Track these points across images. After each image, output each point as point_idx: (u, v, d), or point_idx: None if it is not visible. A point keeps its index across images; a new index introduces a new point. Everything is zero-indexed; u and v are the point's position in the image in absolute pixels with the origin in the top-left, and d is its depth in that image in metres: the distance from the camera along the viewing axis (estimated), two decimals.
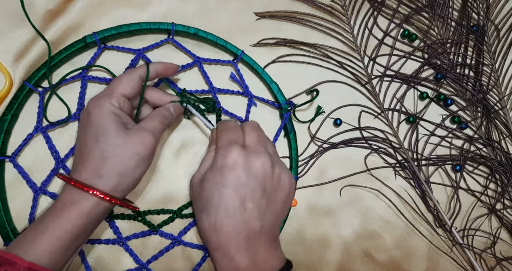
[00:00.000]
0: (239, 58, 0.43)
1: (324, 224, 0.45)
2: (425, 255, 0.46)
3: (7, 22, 0.42)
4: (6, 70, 0.41)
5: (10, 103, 0.40)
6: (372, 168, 0.46)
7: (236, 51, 0.43)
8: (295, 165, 0.44)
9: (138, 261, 0.40)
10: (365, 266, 0.45)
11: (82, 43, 0.41)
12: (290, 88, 0.45)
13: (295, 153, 0.44)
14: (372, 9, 0.48)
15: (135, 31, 0.42)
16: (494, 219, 0.47)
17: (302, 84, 0.46)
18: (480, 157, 0.47)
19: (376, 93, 0.47)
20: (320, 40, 0.47)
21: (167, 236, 0.41)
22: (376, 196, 0.46)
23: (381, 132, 0.47)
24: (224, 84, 0.44)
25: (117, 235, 0.40)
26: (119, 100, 0.35)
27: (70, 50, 0.41)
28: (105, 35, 0.41)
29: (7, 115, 0.39)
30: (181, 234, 0.42)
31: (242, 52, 0.43)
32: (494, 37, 0.49)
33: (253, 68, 0.44)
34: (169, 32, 0.43)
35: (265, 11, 0.46)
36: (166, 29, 0.42)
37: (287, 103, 0.44)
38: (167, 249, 0.41)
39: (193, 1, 0.45)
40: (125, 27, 0.41)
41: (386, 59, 0.48)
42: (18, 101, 0.40)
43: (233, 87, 0.44)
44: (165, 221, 0.41)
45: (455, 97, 0.48)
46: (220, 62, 0.44)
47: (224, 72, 0.44)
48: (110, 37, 0.42)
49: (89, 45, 0.41)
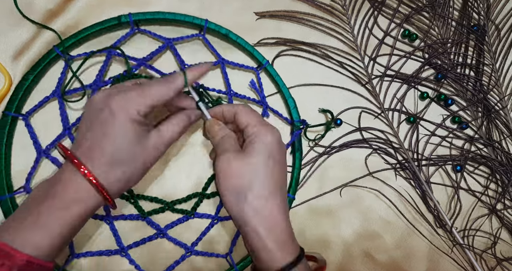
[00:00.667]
0: (263, 67, 0.43)
1: (324, 225, 0.45)
2: (425, 256, 0.46)
3: (6, 21, 0.42)
4: (5, 70, 0.41)
5: (36, 64, 0.40)
6: (374, 171, 0.46)
7: (262, 60, 0.43)
8: (295, 184, 0.43)
9: (120, 244, 0.40)
10: (366, 267, 0.45)
11: (116, 21, 0.41)
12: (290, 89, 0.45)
13: (298, 172, 0.44)
14: (372, 9, 0.47)
15: (169, 20, 0.42)
16: (495, 219, 0.47)
17: (302, 84, 0.46)
18: (481, 157, 0.47)
19: (376, 93, 0.47)
20: (320, 40, 0.47)
21: (153, 225, 0.41)
22: (376, 196, 0.46)
23: (381, 133, 0.47)
24: (241, 89, 0.44)
25: (105, 212, 0.40)
26: (146, 111, 0.33)
27: (103, 25, 0.41)
28: (139, 18, 0.41)
29: (30, 75, 0.40)
30: (167, 227, 0.42)
31: (267, 62, 0.43)
32: (494, 37, 0.49)
33: (274, 80, 0.44)
34: (201, 28, 0.43)
35: (265, 11, 0.46)
36: (199, 24, 0.42)
37: (300, 121, 0.44)
38: (150, 239, 0.41)
39: (193, 0, 0.45)
40: (160, 14, 0.42)
41: (386, 59, 0.47)
42: (43, 64, 0.40)
43: (250, 94, 0.44)
44: (156, 210, 0.41)
45: (455, 97, 0.48)
46: (244, 67, 0.44)
47: (243, 78, 0.45)
48: (144, 21, 0.42)
49: (122, 25, 0.42)
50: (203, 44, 0.44)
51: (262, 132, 0.36)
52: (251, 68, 0.44)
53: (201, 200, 0.42)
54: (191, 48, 0.44)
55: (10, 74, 0.41)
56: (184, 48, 0.44)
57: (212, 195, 0.43)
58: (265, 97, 0.44)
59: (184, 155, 0.44)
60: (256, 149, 0.35)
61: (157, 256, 0.42)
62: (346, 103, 0.46)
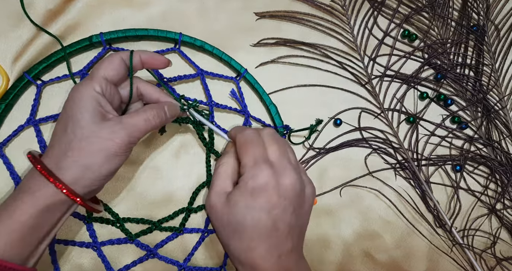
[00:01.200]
0: (241, 76, 0.43)
1: (324, 224, 0.45)
2: (425, 255, 0.46)
3: (6, 22, 0.42)
4: (3, 70, 0.41)
5: (6, 93, 0.39)
6: (374, 171, 0.46)
7: (240, 69, 0.43)
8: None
9: (109, 269, 0.40)
10: (365, 266, 0.45)
11: (87, 42, 0.41)
12: (290, 89, 0.46)
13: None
14: (372, 9, 0.47)
15: (142, 36, 0.42)
16: (494, 219, 0.47)
17: (302, 84, 0.46)
18: (480, 157, 0.47)
19: (376, 93, 0.47)
20: (320, 40, 0.47)
21: (143, 246, 0.40)
22: (376, 196, 0.46)
23: (381, 133, 0.47)
24: (223, 99, 0.44)
25: (92, 239, 0.40)
26: (101, 84, 0.32)
27: (75, 47, 0.41)
28: (111, 37, 0.41)
29: (1, 104, 0.39)
30: (157, 247, 0.41)
31: (246, 71, 0.43)
32: (494, 37, 0.49)
33: (254, 88, 0.44)
34: (176, 41, 0.43)
35: (265, 11, 0.46)
36: (173, 38, 0.42)
37: (283, 127, 0.43)
38: (141, 260, 0.41)
39: (192, 0, 0.45)
40: (132, 31, 0.41)
41: (386, 59, 0.47)
42: (14, 92, 0.39)
43: (232, 104, 0.44)
44: (143, 231, 0.41)
45: (455, 97, 0.48)
46: (223, 77, 0.44)
47: (225, 87, 0.44)
48: (116, 39, 0.42)
49: (94, 45, 0.41)
50: (180, 57, 0.44)
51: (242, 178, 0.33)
52: (230, 78, 0.44)
53: (188, 215, 0.42)
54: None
55: (8, 74, 0.41)
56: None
57: (199, 209, 0.42)
58: (246, 106, 0.44)
59: (184, 155, 0.44)
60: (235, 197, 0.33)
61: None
62: (345, 103, 0.46)
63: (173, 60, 0.42)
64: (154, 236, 0.42)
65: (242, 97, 0.44)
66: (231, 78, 0.44)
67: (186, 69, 0.44)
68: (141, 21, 0.44)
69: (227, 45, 0.45)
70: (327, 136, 0.46)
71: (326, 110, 0.46)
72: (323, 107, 0.46)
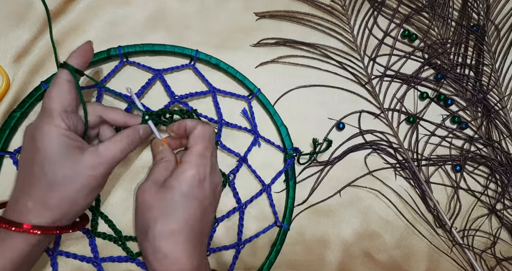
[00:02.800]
0: (254, 96, 0.43)
1: (324, 224, 0.45)
2: (425, 255, 0.46)
3: (7, 22, 0.42)
4: (3, 70, 0.41)
5: (23, 101, 0.39)
6: (374, 170, 0.46)
7: (253, 88, 0.43)
8: (289, 215, 0.43)
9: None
10: (365, 266, 0.45)
11: (105, 54, 0.41)
12: (289, 89, 0.46)
13: (291, 202, 0.43)
14: (372, 9, 0.47)
15: (159, 51, 0.42)
16: (494, 219, 0.47)
17: (302, 84, 0.46)
18: (480, 157, 0.47)
19: (376, 93, 0.47)
20: (320, 40, 0.47)
21: (143, 266, 0.40)
22: (376, 196, 0.46)
23: (380, 133, 0.47)
24: (234, 118, 0.44)
25: (93, 254, 0.39)
26: (62, 118, 0.31)
27: (93, 59, 0.40)
28: (129, 51, 0.41)
29: (17, 112, 0.39)
30: None
31: (259, 90, 0.43)
32: (494, 37, 0.49)
33: (266, 108, 0.44)
34: (191, 58, 0.43)
35: (265, 11, 0.46)
36: (189, 54, 0.42)
37: (293, 149, 0.44)
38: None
39: (193, 1, 0.45)
40: (150, 46, 0.42)
41: (386, 59, 0.47)
42: (31, 101, 0.39)
43: (242, 122, 0.44)
44: None
45: (455, 97, 0.48)
46: (235, 96, 0.44)
47: (236, 106, 0.44)
48: (133, 53, 0.42)
49: (112, 58, 0.41)
50: (193, 73, 0.44)
51: (185, 166, 0.34)
52: (243, 97, 0.44)
53: None
54: (180, 78, 0.43)
55: (8, 74, 0.41)
56: (172, 76, 0.43)
57: None
58: (256, 126, 0.44)
59: None
60: (171, 183, 0.33)
61: None
62: (345, 103, 0.46)
63: (186, 77, 0.43)
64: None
65: (253, 117, 0.44)
66: (243, 97, 0.44)
67: (199, 86, 0.44)
68: (141, 21, 0.44)
69: (227, 45, 0.45)
70: (327, 135, 0.46)
71: (326, 110, 0.46)
72: (323, 107, 0.46)
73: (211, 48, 0.44)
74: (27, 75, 0.41)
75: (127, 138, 0.34)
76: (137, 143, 0.36)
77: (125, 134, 0.34)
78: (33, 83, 0.41)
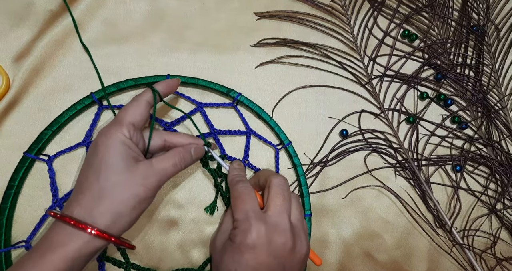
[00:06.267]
0: (283, 147, 0.44)
1: (324, 224, 0.45)
2: (425, 255, 0.46)
3: (7, 22, 0.42)
4: (3, 70, 0.41)
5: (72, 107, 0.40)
6: (373, 169, 0.46)
7: (284, 140, 0.44)
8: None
9: None
10: (366, 266, 0.45)
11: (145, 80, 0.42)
12: (289, 89, 0.46)
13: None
14: (372, 9, 0.48)
15: (202, 86, 0.43)
16: (494, 219, 0.47)
17: (302, 84, 0.46)
18: (480, 157, 0.47)
19: (376, 93, 0.47)
20: (320, 40, 0.47)
21: None
22: (376, 196, 0.46)
23: (380, 133, 0.47)
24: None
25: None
26: (129, 130, 0.33)
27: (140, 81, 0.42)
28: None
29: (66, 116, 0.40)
30: None
31: (289, 143, 0.44)
32: (494, 37, 0.49)
33: (291, 158, 0.44)
34: (233, 98, 0.43)
35: (265, 11, 0.46)
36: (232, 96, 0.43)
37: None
38: None
39: (193, 1, 0.45)
40: (195, 80, 0.43)
41: (386, 59, 0.48)
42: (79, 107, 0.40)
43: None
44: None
45: (455, 97, 0.48)
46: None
47: (229, 114, 0.45)
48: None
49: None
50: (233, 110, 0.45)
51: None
52: (272, 144, 0.44)
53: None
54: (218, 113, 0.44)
55: (9, 74, 0.41)
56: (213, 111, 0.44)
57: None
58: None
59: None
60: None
61: None
62: (345, 103, 0.46)
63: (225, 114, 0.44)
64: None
65: (278, 167, 0.44)
66: (273, 145, 0.44)
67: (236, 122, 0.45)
68: (141, 21, 0.44)
69: (227, 45, 0.45)
70: (330, 141, 0.46)
71: (326, 110, 0.46)
72: (323, 107, 0.46)
73: (211, 48, 0.44)
74: (27, 75, 0.41)
75: (179, 154, 0.35)
76: (188, 161, 0.36)
77: (177, 150, 0.35)
78: (33, 83, 0.41)
